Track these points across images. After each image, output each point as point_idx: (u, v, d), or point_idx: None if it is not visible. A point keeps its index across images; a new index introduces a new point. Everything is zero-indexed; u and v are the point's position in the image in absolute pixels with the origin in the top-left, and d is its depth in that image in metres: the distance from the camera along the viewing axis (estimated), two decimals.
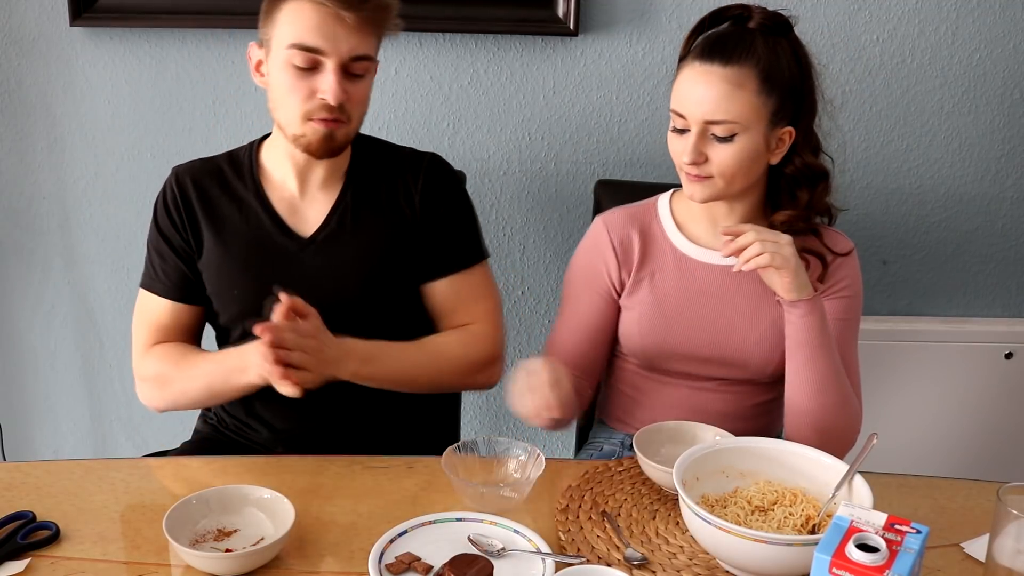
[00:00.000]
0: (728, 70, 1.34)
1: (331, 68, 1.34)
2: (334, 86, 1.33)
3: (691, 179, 1.40)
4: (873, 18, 1.99)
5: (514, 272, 2.16)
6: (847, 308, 1.49)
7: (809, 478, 1.21)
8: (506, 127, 2.06)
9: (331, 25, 1.32)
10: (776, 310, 1.45)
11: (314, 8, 1.32)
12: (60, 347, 2.23)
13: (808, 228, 1.46)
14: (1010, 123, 2.07)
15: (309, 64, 1.34)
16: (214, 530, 1.19)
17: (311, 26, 1.32)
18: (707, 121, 1.35)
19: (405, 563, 1.12)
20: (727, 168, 1.37)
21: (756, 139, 1.37)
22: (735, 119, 1.35)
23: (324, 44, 1.33)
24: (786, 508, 1.17)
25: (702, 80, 1.35)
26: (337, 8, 1.31)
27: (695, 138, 1.37)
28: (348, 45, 1.33)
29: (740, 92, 1.34)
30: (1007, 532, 1.05)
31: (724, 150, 1.37)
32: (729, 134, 1.36)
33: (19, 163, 2.09)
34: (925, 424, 2.17)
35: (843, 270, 1.48)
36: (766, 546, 1.04)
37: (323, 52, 1.33)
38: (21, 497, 1.27)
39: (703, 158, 1.37)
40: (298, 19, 1.33)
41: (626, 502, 1.29)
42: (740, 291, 1.48)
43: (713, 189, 1.40)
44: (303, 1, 1.33)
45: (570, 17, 1.94)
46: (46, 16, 1.98)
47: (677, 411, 1.51)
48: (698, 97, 1.36)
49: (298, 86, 1.35)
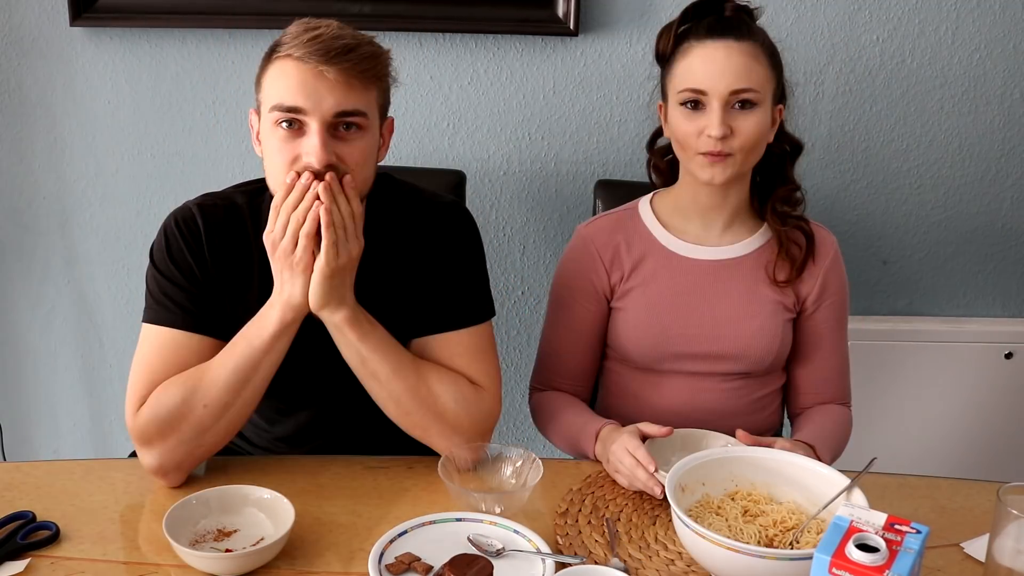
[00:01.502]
0: (743, 44, 1.38)
1: (314, 129, 1.24)
2: (317, 148, 1.23)
3: (711, 159, 1.40)
4: (873, 18, 1.99)
5: (514, 272, 2.16)
6: (840, 312, 1.54)
7: (807, 488, 1.21)
8: (506, 127, 2.06)
9: (312, 82, 1.23)
10: (771, 299, 1.47)
11: (295, 66, 1.24)
12: (60, 347, 2.23)
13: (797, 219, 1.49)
14: (1010, 123, 2.07)
15: (291, 126, 1.25)
16: (214, 530, 1.19)
17: (292, 85, 1.24)
18: (732, 91, 1.37)
19: (405, 563, 1.12)
20: (750, 138, 1.39)
21: (768, 113, 1.42)
22: (757, 87, 1.39)
23: (304, 103, 1.23)
24: (771, 517, 1.17)
25: (721, 55, 1.38)
26: (316, 64, 1.22)
27: (721, 111, 1.38)
28: (332, 101, 1.24)
29: (757, 64, 1.39)
30: (1007, 532, 1.05)
31: (748, 120, 1.39)
32: (754, 102, 1.39)
33: (19, 163, 2.09)
34: (925, 424, 2.17)
35: (831, 275, 1.52)
36: (739, 555, 1.04)
37: (304, 111, 1.24)
38: (21, 497, 1.27)
39: (729, 130, 1.38)
40: (280, 79, 1.26)
41: (627, 507, 1.29)
42: (733, 283, 1.49)
43: (733, 166, 1.41)
44: (285, 60, 1.25)
45: (570, 17, 1.94)
46: (46, 16, 1.98)
47: (674, 410, 1.51)
48: (719, 69, 1.38)
49: (284, 149, 1.26)
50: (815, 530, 1.14)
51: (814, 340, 1.53)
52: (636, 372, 1.55)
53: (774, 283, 1.49)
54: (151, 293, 1.37)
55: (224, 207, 1.40)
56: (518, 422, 2.26)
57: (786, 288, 1.49)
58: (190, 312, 1.34)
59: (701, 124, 1.39)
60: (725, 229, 1.51)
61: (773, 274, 1.49)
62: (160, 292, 1.36)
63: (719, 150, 1.38)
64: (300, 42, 1.24)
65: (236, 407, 1.30)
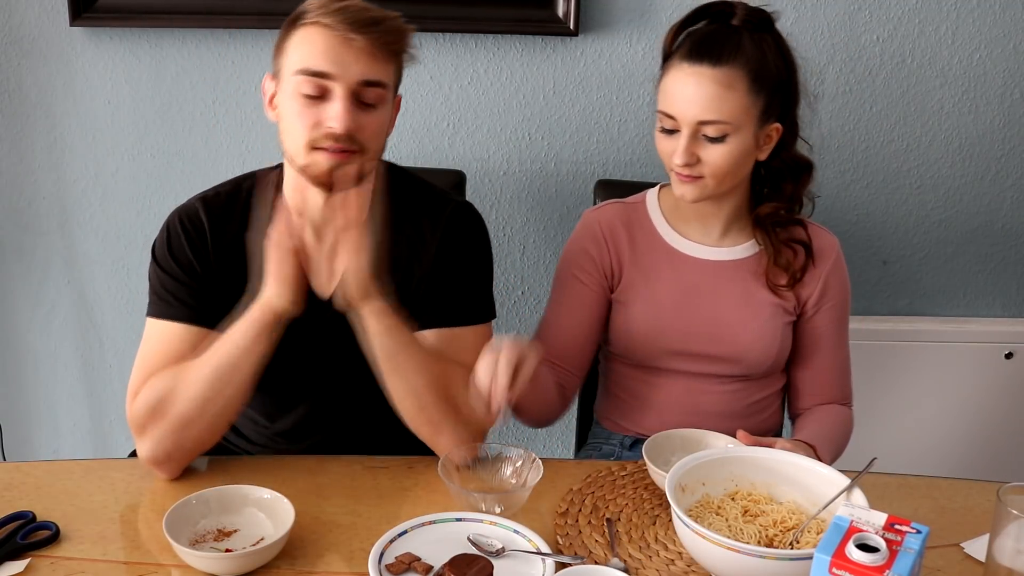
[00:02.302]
0: (718, 71, 1.34)
1: (339, 94, 1.27)
2: (341, 113, 1.26)
3: (682, 179, 1.40)
4: (873, 18, 1.99)
5: (514, 272, 2.16)
6: (841, 313, 1.53)
7: (807, 488, 1.21)
8: (506, 127, 2.06)
9: (339, 49, 1.26)
10: (770, 302, 1.47)
11: (322, 32, 1.26)
12: (60, 347, 2.23)
13: (793, 219, 1.48)
14: (1010, 123, 2.07)
15: (318, 91, 1.27)
16: (214, 530, 1.19)
17: (319, 51, 1.26)
18: (699, 122, 1.35)
19: (405, 563, 1.12)
20: (719, 168, 1.38)
21: (746, 138, 1.38)
22: (727, 119, 1.35)
23: (332, 68, 1.26)
24: (771, 517, 1.17)
25: (692, 81, 1.35)
26: (345, 32, 1.25)
27: (686, 139, 1.36)
28: (357, 69, 1.27)
29: (731, 93, 1.34)
30: (1007, 532, 1.05)
31: (716, 151, 1.37)
32: (721, 134, 1.36)
33: (19, 163, 2.09)
34: (925, 424, 2.17)
35: (832, 278, 1.51)
36: (739, 555, 1.04)
37: (331, 76, 1.26)
38: (21, 497, 1.27)
39: (695, 159, 1.37)
40: (306, 44, 1.28)
41: (627, 507, 1.29)
42: (733, 285, 1.49)
43: (704, 189, 1.40)
44: (312, 26, 1.27)
45: (570, 17, 1.94)
46: (46, 16, 1.98)
47: (673, 411, 1.52)
48: (688, 98, 1.35)
49: (305, 114, 1.28)
50: (815, 530, 1.14)
51: (815, 342, 1.53)
52: (636, 371, 1.55)
53: (773, 289, 1.48)
54: (152, 288, 1.39)
55: (228, 195, 1.42)
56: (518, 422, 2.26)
57: (786, 292, 1.49)
58: (190, 306, 1.36)
59: (673, 146, 1.38)
60: (723, 234, 1.51)
61: (771, 280, 1.48)
62: (161, 287, 1.37)
63: (687, 173, 1.38)
64: (328, 10, 1.27)
65: (218, 404, 1.30)
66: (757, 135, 1.39)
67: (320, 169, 1.29)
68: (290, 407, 1.48)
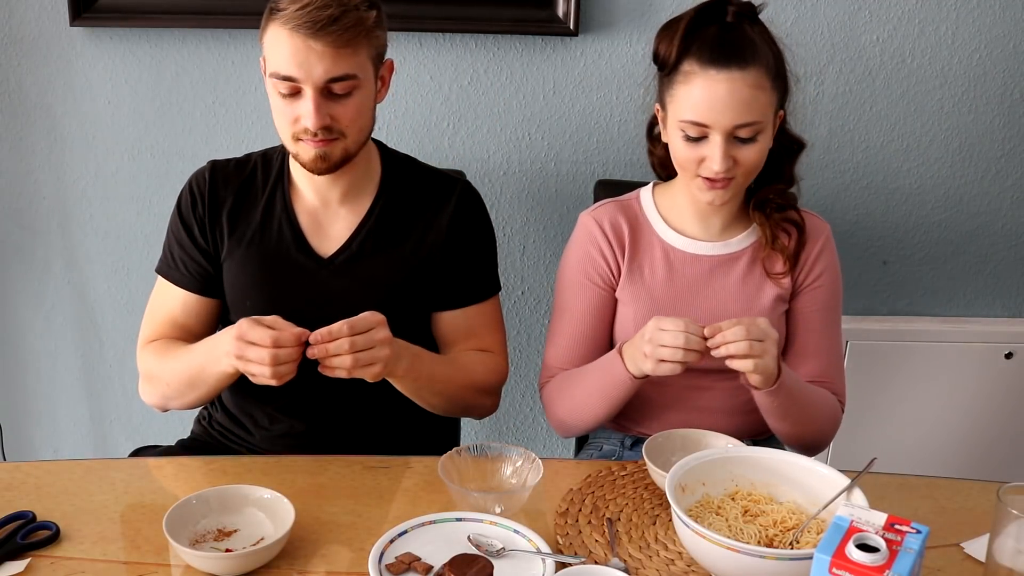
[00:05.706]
0: (747, 73, 1.34)
1: (308, 95, 1.33)
2: (311, 112, 1.33)
3: (713, 185, 1.40)
4: (873, 18, 1.99)
5: (514, 272, 2.16)
6: (829, 296, 1.52)
7: (807, 488, 1.21)
8: (506, 127, 2.06)
9: (303, 53, 1.31)
10: (769, 294, 1.47)
11: (288, 36, 1.32)
12: (60, 347, 2.23)
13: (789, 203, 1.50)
14: (1010, 123, 2.07)
15: (291, 91, 1.34)
16: (214, 530, 1.19)
17: (286, 55, 1.32)
18: (736, 126, 1.35)
19: (405, 563, 1.12)
20: (753, 167, 1.40)
21: (770, 132, 1.40)
22: (760, 119, 1.36)
23: (297, 72, 1.32)
24: (771, 517, 1.17)
25: (723, 88, 1.34)
26: (305, 38, 1.30)
27: (724, 145, 1.36)
28: (321, 70, 1.32)
29: (761, 93, 1.36)
30: (1007, 532, 1.05)
31: (749, 150, 1.38)
32: (754, 134, 1.37)
33: (19, 163, 2.09)
34: (925, 424, 2.17)
35: (820, 262, 1.51)
36: (739, 555, 1.04)
37: (298, 80, 1.33)
38: (21, 497, 1.27)
39: (733, 161, 1.38)
40: (275, 48, 1.34)
41: (627, 507, 1.29)
42: (730, 282, 1.49)
43: (735, 189, 1.42)
44: (279, 28, 1.32)
45: (570, 17, 1.94)
46: (46, 16, 1.98)
47: (674, 409, 1.51)
48: (722, 104, 1.34)
49: (285, 110, 1.37)
50: (815, 530, 1.14)
51: (801, 322, 1.51)
52: None
53: (770, 276, 1.49)
54: (166, 239, 1.54)
55: (237, 163, 1.55)
56: (518, 422, 2.26)
57: (783, 279, 1.49)
58: (186, 274, 1.50)
59: (702, 153, 1.38)
60: (723, 230, 1.51)
61: (768, 267, 1.49)
62: (168, 243, 1.53)
63: (721, 177, 1.38)
64: (291, 12, 1.31)
65: (193, 396, 1.45)
66: (773, 123, 1.42)
67: (306, 157, 1.39)
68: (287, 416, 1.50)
